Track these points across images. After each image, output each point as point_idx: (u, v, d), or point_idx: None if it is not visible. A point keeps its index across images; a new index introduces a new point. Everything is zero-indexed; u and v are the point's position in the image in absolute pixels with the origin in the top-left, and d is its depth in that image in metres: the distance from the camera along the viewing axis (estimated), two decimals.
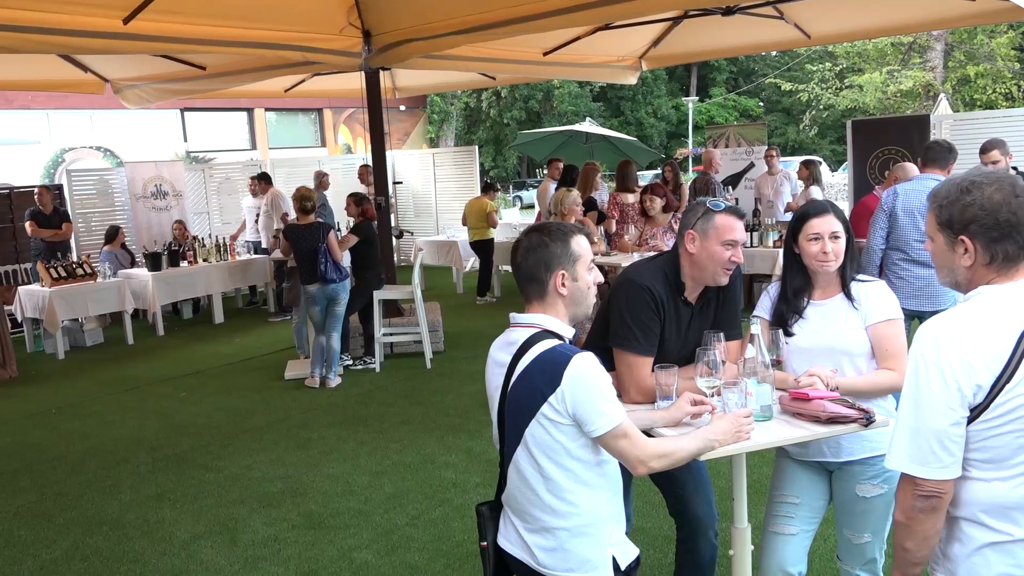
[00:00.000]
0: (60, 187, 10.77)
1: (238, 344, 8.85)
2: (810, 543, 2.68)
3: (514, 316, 2.19)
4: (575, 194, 6.89)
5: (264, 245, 10.35)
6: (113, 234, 10.01)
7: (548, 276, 2.13)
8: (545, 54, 8.10)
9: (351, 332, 7.51)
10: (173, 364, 8.09)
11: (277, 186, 12.54)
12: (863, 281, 2.61)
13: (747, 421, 2.24)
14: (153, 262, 9.44)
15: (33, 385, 7.65)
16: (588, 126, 15.47)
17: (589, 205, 8.42)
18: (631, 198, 8.02)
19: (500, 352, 2.18)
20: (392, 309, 7.89)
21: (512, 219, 14.29)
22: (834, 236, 2.54)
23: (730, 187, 11.11)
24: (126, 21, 5.70)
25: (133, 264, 10.08)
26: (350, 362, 7.42)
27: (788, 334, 2.61)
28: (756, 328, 2.43)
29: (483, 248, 10.37)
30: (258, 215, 10.86)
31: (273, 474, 5.01)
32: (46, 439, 5.99)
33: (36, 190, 9.86)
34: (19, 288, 9.00)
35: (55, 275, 8.63)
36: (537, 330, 2.12)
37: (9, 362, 7.96)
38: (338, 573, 3.77)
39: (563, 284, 2.12)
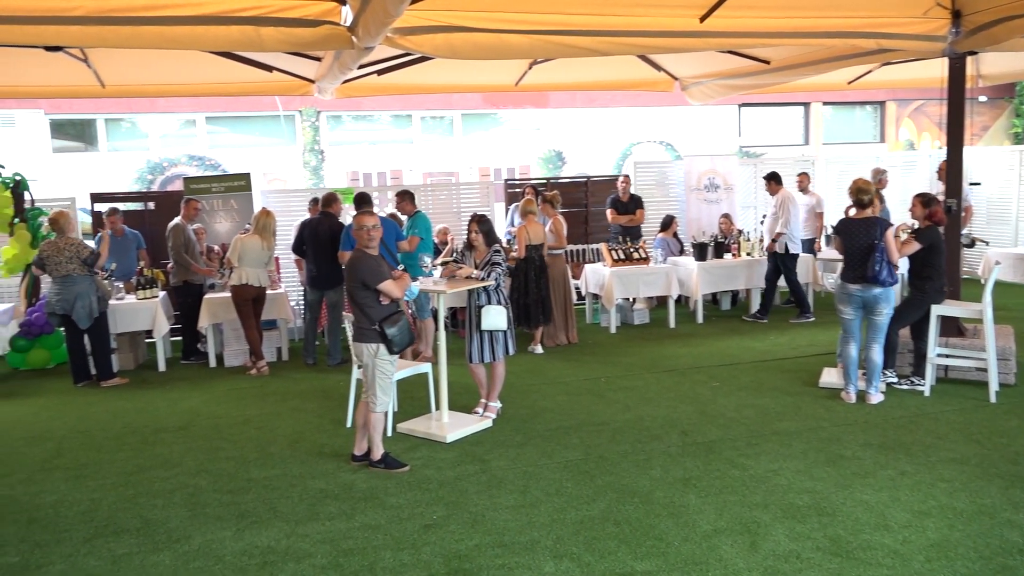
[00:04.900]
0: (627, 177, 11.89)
1: (771, 342, 8.73)
2: None
3: None
4: None
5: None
6: (668, 223, 10.71)
7: None
8: None
9: (899, 347, 6.79)
10: (708, 353, 8.32)
11: (829, 183, 12.09)
12: None
13: None
14: (700, 252, 9.84)
15: (588, 353, 8.59)
16: None
17: None
18: None
19: None
20: (951, 327, 6.90)
21: None
22: None
23: None
24: (702, 19, 5.91)
25: (682, 252, 10.65)
26: (894, 380, 6.72)
27: None
28: None
29: None
30: (805, 213, 10.60)
31: (800, 485, 4.77)
32: (594, 404, 6.65)
33: (620, 178, 10.95)
34: (585, 265, 10.20)
35: (615, 257, 9.54)
36: None
37: (571, 329, 9.07)
38: None
39: None
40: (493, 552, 4.08)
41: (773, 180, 9.80)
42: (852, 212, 6.42)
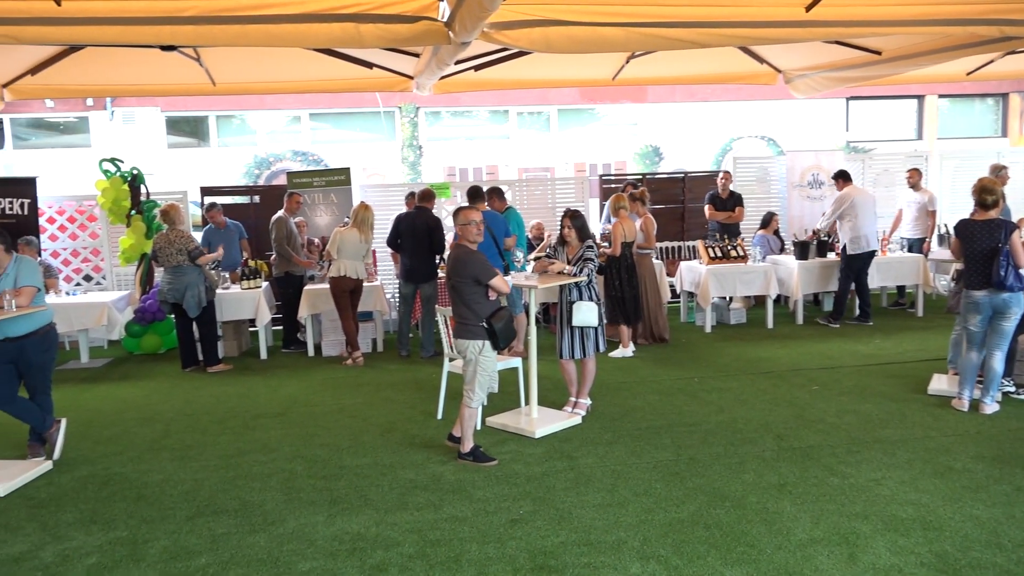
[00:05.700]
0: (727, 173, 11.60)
1: (876, 346, 8.35)
2: None
3: None
4: None
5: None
6: (768, 220, 10.40)
7: None
8: None
9: (1017, 354, 6.37)
10: (808, 355, 8.03)
11: (944, 180, 11.54)
12: None
13: None
14: (801, 250, 9.51)
15: (682, 352, 8.42)
16: None
17: None
18: None
19: None
20: None
21: None
22: None
23: None
24: (808, 8, 5.67)
25: (782, 251, 10.32)
26: (1012, 389, 6.32)
27: None
28: None
29: None
30: (916, 211, 10.16)
31: (903, 497, 4.53)
32: (686, 404, 6.51)
33: (720, 174, 10.71)
34: (681, 263, 10.00)
35: (712, 255, 9.32)
36: None
37: (663, 329, 8.90)
38: None
39: None
40: (579, 550, 4.04)
41: (841, 178, 9.39)
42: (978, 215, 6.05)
